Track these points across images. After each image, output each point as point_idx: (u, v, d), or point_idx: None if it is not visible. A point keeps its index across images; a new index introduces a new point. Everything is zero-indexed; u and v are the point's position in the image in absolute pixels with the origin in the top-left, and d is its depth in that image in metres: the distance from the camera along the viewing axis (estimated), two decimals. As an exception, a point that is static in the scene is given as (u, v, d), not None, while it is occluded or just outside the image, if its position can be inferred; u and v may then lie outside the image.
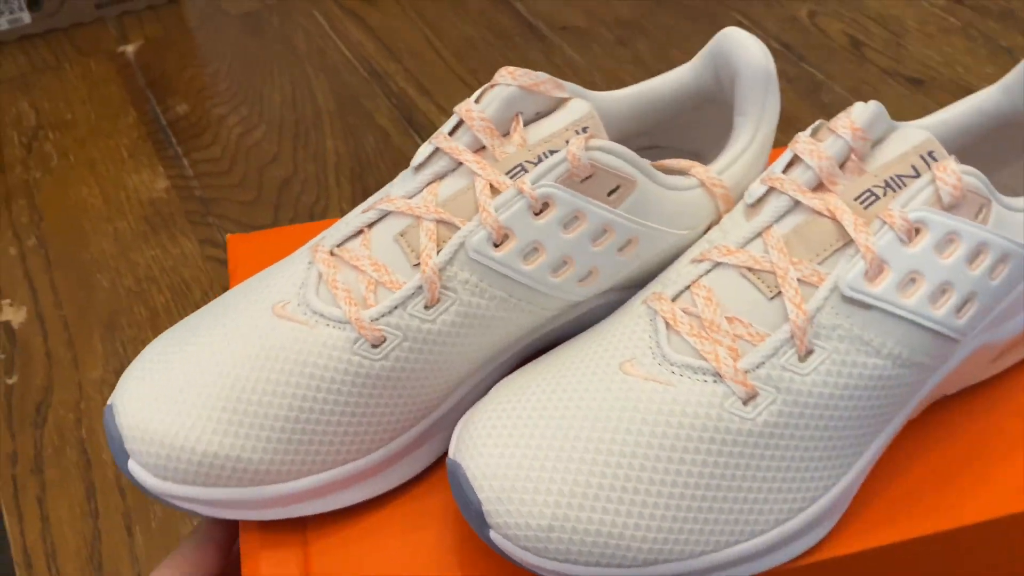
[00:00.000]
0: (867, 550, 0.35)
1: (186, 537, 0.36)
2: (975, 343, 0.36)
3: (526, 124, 0.37)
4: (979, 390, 0.40)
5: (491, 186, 0.35)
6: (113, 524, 0.61)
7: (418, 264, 0.35)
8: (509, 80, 0.36)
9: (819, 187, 0.35)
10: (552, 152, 0.36)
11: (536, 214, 0.35)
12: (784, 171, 0.35)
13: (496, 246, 0.35)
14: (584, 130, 0.36)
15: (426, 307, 0.34)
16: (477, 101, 0.36)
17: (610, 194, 0.35)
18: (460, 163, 0.36)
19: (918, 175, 0.34)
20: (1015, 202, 0.35)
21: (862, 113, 0.35)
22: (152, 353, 0.36)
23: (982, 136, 0.40)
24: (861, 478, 0.35)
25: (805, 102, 0.81)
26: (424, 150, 0.37)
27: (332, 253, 0.36)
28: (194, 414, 0.34)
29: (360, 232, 0.36)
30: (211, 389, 0.34)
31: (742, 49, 0.38)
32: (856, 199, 0.34)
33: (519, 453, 0.33)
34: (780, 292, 0.33)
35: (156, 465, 0.34)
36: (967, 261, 0.33)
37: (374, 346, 0.34)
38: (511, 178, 0.35)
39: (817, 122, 0.36)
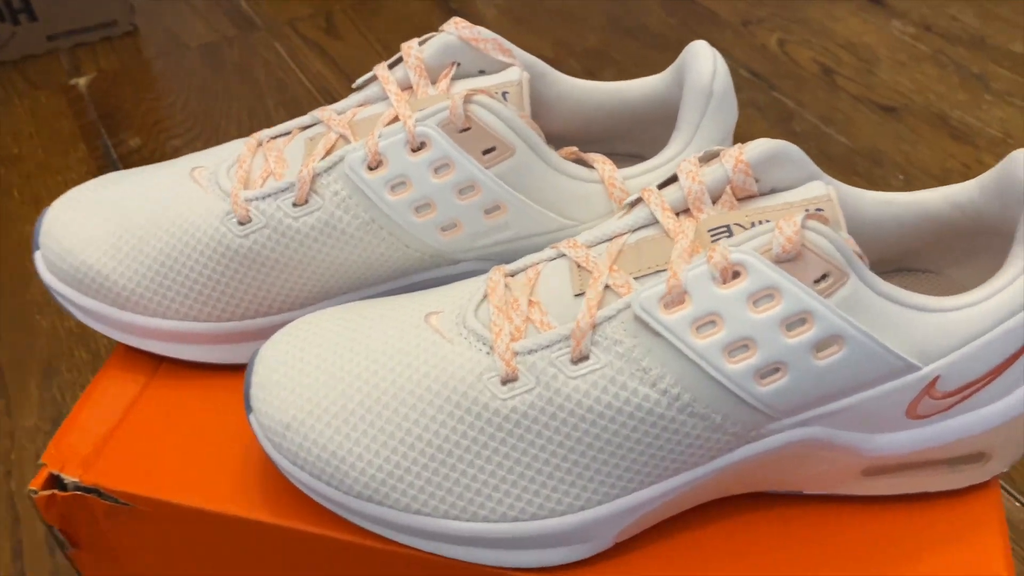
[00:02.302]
0: (607, 596, 0.33)
1: None
2: (810, 432, 0.32)
3: (464, 78, 0.38)
4: (856, 509, 0.35)
5: (395, 118, 0.37)
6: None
7: (306, 166, 0.37)
8: (452, 29, 0.38)
9: (685, 211, 0.33)
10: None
11: (413, 151, 0.36)
12: (661, 186, 0.34)
13: (371, 169, 0.36)
14: (504, 95, 0.37)
15: (294, 204, 0.37)
16: (422, 43, 0.38)
17: (485, 153, 0.35)
18: (387, 95, 0.38)
19: (785, 226, 0.31)
20: (899, 293, 0.31)
21: (755, 148, 0.32)
22: (102, 178, 0.42)
23: (948, 227, 0.35)
24: (633, 520, 0.33)
25: (776, 131, 0.76)
26: (366, 76, 0.39)
27: (260, 143, 0.40)
28: (89, 228, 0.39)
29: (291, 132, 0.40)
30: (113, 217, 0.39)
31: (694, 63, 0.36)
32: (710, 231, 0.32)
33: (298, 355, 0.35)
34: (584, 292, 0.32)
35: (50, 260, 0.39)
36: (782, 325, 0.30)
37: (240, 223, 0.37)
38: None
39: (715, 148, 0.34)
